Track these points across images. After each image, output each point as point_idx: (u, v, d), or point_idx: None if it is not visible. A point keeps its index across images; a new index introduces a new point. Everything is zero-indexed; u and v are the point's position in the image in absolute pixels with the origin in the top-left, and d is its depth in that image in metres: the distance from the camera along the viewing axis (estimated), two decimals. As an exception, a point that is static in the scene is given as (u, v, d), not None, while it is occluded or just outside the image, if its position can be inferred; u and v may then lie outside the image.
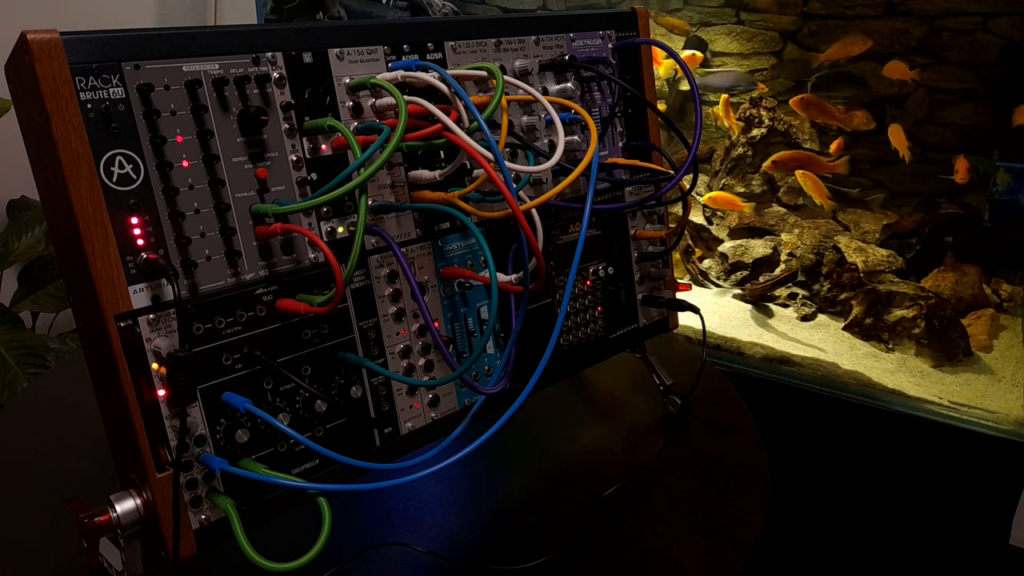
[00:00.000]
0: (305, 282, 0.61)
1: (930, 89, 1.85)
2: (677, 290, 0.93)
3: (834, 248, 1.80)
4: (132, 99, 0.53)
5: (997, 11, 1.74)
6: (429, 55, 0.69)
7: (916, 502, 1.48)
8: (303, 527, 0.58)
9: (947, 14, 1.77)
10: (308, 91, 0.61)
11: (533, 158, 0.73)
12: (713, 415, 0.97)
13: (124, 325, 0.52)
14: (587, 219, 0.67)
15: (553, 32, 0.79)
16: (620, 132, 0.87)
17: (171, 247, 0.55)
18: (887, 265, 1.78)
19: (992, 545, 1.41)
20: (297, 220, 0.60)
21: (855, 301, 1.70)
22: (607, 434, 0.94)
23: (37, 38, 0.49)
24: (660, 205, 0.89)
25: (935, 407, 1.49)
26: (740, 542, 0.74)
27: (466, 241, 0.72)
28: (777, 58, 2.02)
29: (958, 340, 1.59)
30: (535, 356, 0.66)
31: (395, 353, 0.67)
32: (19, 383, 1.52)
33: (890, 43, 1.86)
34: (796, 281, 1.81)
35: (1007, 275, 1.78)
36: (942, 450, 1.45)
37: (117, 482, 0.58)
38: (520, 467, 0.85)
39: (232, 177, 0.57)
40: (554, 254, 0.80)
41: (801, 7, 1.96)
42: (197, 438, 0.56)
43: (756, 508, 0.79)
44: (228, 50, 0.57)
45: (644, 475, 0.85)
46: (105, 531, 0.55)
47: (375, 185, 0.65)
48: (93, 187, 0.51)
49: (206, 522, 0.56)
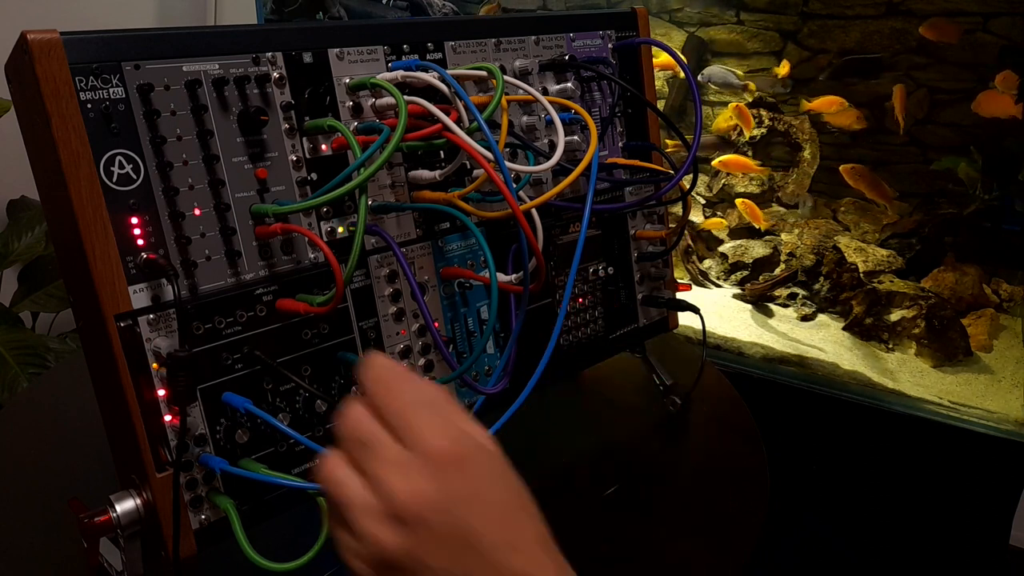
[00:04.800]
0: (305, 282, 0.61)
1: (930, 89, 1.85)
2: (677, 290, 0.93)
3: (834, 248, 1.80)
4: (132, 99, 0.53)
5: (997, 11, 1.74)
6: (429, 55, 0.69)
7: (916, 502, 1.48)
8: (303, 527, 0.58)
9: (947, 14, 1.77)
10: (308, 91, 0.61)
11: (533, 158, 0.73)
12: (713, 415, 0.96)
13: (124, 325, 0.52)
14: (587, 219, 0.67)
15: (553, 32, 0.79)
16: (620, 132, 0.87)
17: (171, 247, 0.55)
18: (887, 265, 1.78)
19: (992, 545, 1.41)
20: (297, 220, 0.60)
21: (855, 301, 1.70)
22: (607, 434, 0.94)
23: (37, 38, 0.49)
24: (660, 205, 0.89)
25: (935, 407, 1.49)
26: (740, 542, 0.74)
27: (466, 241, 0.72)
28: (777, 58, 2.02)
29: (958, 340, 1.59)
30: (535, 356, 0.66)
31: (395, 353, 0.67)
32: (19, 383, 1.51)
33: (890, 43, 1.86)
34: (796, 281, 1.81)
35: (1007, 275, 1.78)
36: (942, 450, 1.45)
37: (117, 482, 0.58)
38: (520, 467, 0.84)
39: (232, 177, 0.57)
40: (554, 254, 0.80)
41: (801, 7, 1.96)
42: (197, 438, 0.56)
43: (756, 508, 0.78)
44: (228, 50, 0.57)
45: (644, 475, 0.85)
46: (105, 531, 0.55)
47: (375, 185, 0.65)
48: (93, 187, 0.51)
49: (206, 522, 0.56)
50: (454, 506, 0.43)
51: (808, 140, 1.98)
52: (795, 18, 1.97)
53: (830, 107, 1.89)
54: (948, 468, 1.45)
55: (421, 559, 0.43)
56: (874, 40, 1.87)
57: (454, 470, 0.44)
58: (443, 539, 0.43)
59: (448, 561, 0.43)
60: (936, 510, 1.46)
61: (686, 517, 0.78)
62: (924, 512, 1.48)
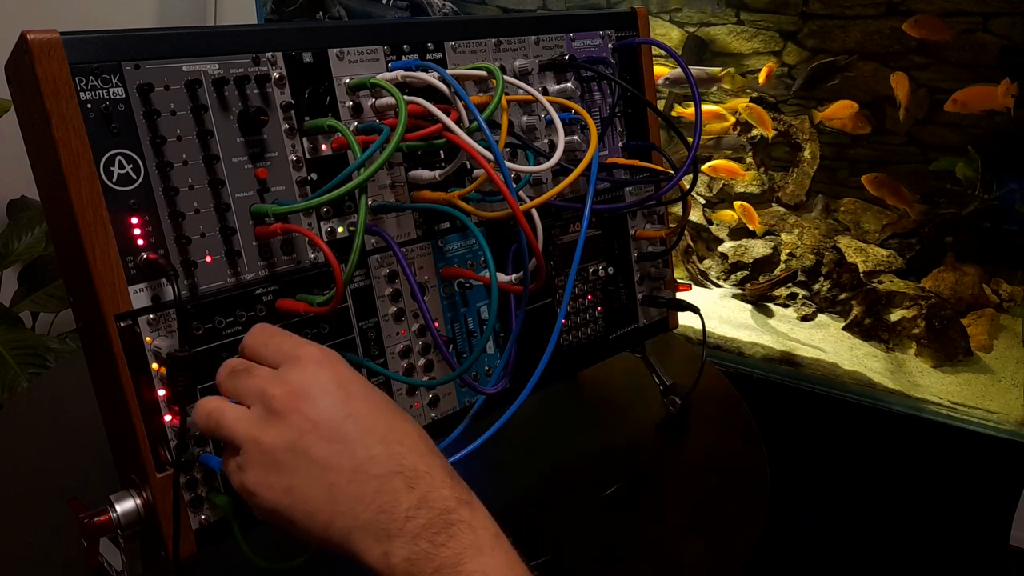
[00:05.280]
0: (305, 282, 0.61)
1: (930, 89, 1.85)
2: (677, 290, 0.93)
3: (834, 248, 1.80)
4: (132, 99, 0.53)
5: (997, 11, 1.74)
6: (429, 55, 0.69)
7: (916, 502, 1.48)
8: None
9: (947, 14, 1.77)
10: (308, 91, 0.61)
11: (533, 158, 0.73)
12: (713, 415, 0.96)
13: (124, 325, 0.52)
14: (587, 219, 0.67)
15: (553, 32, 0.79)
16: (620, 132, 0.87)
17: (171, 247, 0.55)
18: (887, 265, 1.78)
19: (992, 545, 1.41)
20: (297, 220, 0.60)
21: (855, 301, 1.70)
22: (607, 434, 0.94)
23: (37, 38, 0.49)
24: (660, 205, 0.89)
25: (935, 407, 1.49)
26: (740, 542, 0.74)
27: (466, 241, 0.72)
28: (777, 58, 2.02)
29: (958, 340, 1.59)
30: (535, 356, 0.66)
31: (395, 353, 0.67)
32: (19, 383, 1.51)
33: (890, 43, 1.86)
34: (796, 281, 1.81)
35: (1007, 275, 1.78)
36: (942, 450, 1.45)
37: (117, 482, 0.58)
38: (520, 467, 0.84)
39: (232, 177, 0.57)
40: (554, 254, 0.80)
41: (801, 7, 1.96)
42: (197, 438, 0.56)
43: (756, 508, 0.78)
44: (228, 50, 0.57)
45: (644, 475, 0.84)
46: (105, 531, 0.55)
47: (375, 185, 0.65)
48: (93, 187, 0.51)
49: (206, 522, 0.56)
50: (328, 394, 0.46)
51: (808, 140, 1.98)
52: (795, 18, 1.97)
53: (844, 112, 1.86)
54: (948, 468, 1.45)
55: (305, 451, 0.45)
56: (874, 40, 1.87)
57: (327, 366, 0.48)
58: (321, 427, 0.45)
59: (328, 450, 0.44)
60: (936, 510, 1.46)
61: (686, 517, 0.78)
62: (924, 512, 1.48)
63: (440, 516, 0.43)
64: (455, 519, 0.43)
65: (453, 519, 0.43)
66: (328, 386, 0.47)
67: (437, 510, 0.43)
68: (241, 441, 0.47)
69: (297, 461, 0.45)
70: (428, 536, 0.42)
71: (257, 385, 0.48)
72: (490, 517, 0.45)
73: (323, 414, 0.46)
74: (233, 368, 0.51)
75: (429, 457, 0.46)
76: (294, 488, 0.44)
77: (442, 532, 0.42)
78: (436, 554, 0.42)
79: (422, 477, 0.44)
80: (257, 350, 0.51)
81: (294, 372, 0.47)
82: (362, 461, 0.44)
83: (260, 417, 0.47)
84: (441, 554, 0.42)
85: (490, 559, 0.42)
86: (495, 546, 0.43)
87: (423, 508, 0.43)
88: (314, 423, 0.45)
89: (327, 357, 0.49)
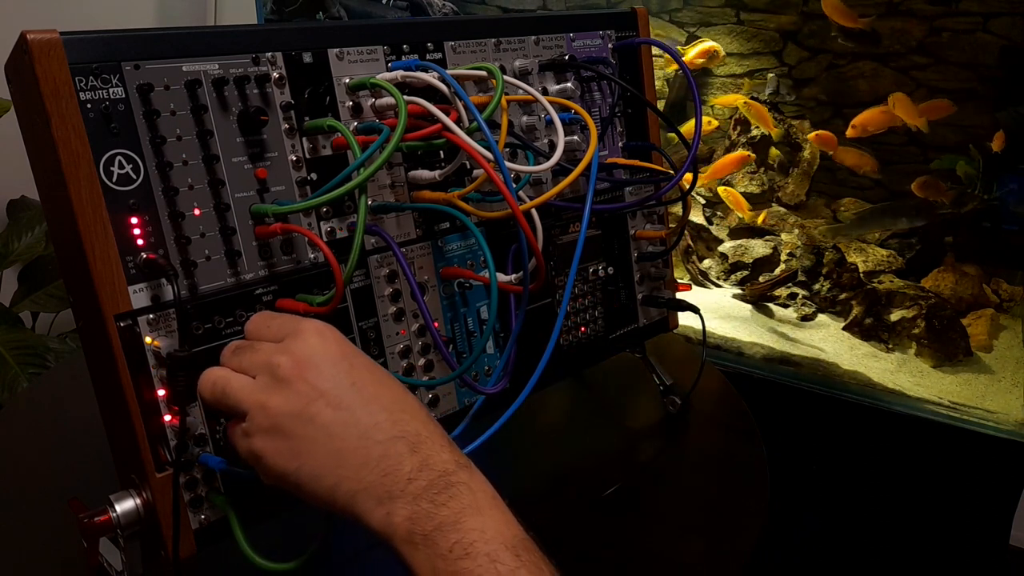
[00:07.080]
0: (305, 282, 0.61)
1: (930, 89, 1.85)
2: (677, 290, 0.93)
3: (834, 248, 1.80)
4: (132, 99, 0.53)
5: (997, 11, 1.74)
6: (429, 55, 0.69)
7: (916, 502, 1.48)
8: (303, 527, 0.58)
9: (947, 14, 1.77)
10: (308, 91, 0.61)
11: (533, 158, 0.73)
12: (713, 415, 0.97)
13: (124, 325, 0.52)
14: (587, 219, 0.67)
15: (553, 32, 0.79)
16: (620, 132, 0.87)
17: (171, 247, 0.55)
18: (887, 265, 1.78)
19: (992, 545, 1.41)
20: (297, 220, 0.60)
21: (855, 301, 1.70)
22: (607, 434, 0.94)
23: (37, 38, 0.49)
24: (660, 205, 0.89)
25: (935, 407, 1.49)
26: (740, 542, 0.74)
27: (466, 241, 0.72)
28: (777, 58, 2.02)
29: (958, 340, 1.59)
30: (535, 356, 0.66)
31: (395, 353, 0.67)
32: (19, 383, 1.51)
33: (890, 43, 1.86)
34: (796, 281, 1.81)
35: (1007, 275, 1.78)
36: (942, 450, 1.45)
37: (117, 482, 0.58)
38: (520, 467, 0.84)
39: (232, 177, 0.57)
40: (554, 254, 0.80)
41: (801, 7, 1.96)
42: (197, 438, 0.56)
43: (756, 508, 0.79)
44: (228, 50, 0.57)
45: (644, 475, 0.85)
46: (105, 531, 0.55)
47: (375, 185, 0.65)
48: (93, 187, 0.51)
49: (206, 522, 0.56)
50: (333, 364, 0.48)
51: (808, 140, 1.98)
52: (795, 18, 1.97)
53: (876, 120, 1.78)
54: (948, 468, 1.45)
55: (312, 417, 0.46)
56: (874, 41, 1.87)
57: (329, 338, 0.50)
58: (327, 395, 0.47)
59: (334, 417, 0.46)
60: (936, 510, 1.46)
61: (686, 517, 0.78)
62: (924, 512, 1.47)
63: (440, 478, 0.44)
64: (455, 480, 0.45)
65: (453, 480, 0.45)
66: (332, 356, 0.49)
67: (438, 472, 0.45)
68: (247, 406, 0.48)
69: (304, 427, 0.46)
70: (429, 496, 0.44)
71: (261, 357, 0.49)
72: (487, 481, 0.47)
73: (329, 383, 0.47)
74: (237, 346, 0.53)
75: (429, 424, 0.48)
76: (302, 453, 0.46)
77: (442, 492, 0.44)
78: (436, 513, 0.43)
79: (423, 442, 0.46)
80: (259, 331, 0.53)
81: (298, 343, 0.49)
82: (367, 427, 0.46)
83: (266, 384, 0.48)
84: (441, 513, 0.43)
85: (488, 518, 0.44)
86: (493, 506, 0.45)
87: (424, 470, 0.45)
88: (321, 391, 0.47)
89: (328, 329, 0.51)
